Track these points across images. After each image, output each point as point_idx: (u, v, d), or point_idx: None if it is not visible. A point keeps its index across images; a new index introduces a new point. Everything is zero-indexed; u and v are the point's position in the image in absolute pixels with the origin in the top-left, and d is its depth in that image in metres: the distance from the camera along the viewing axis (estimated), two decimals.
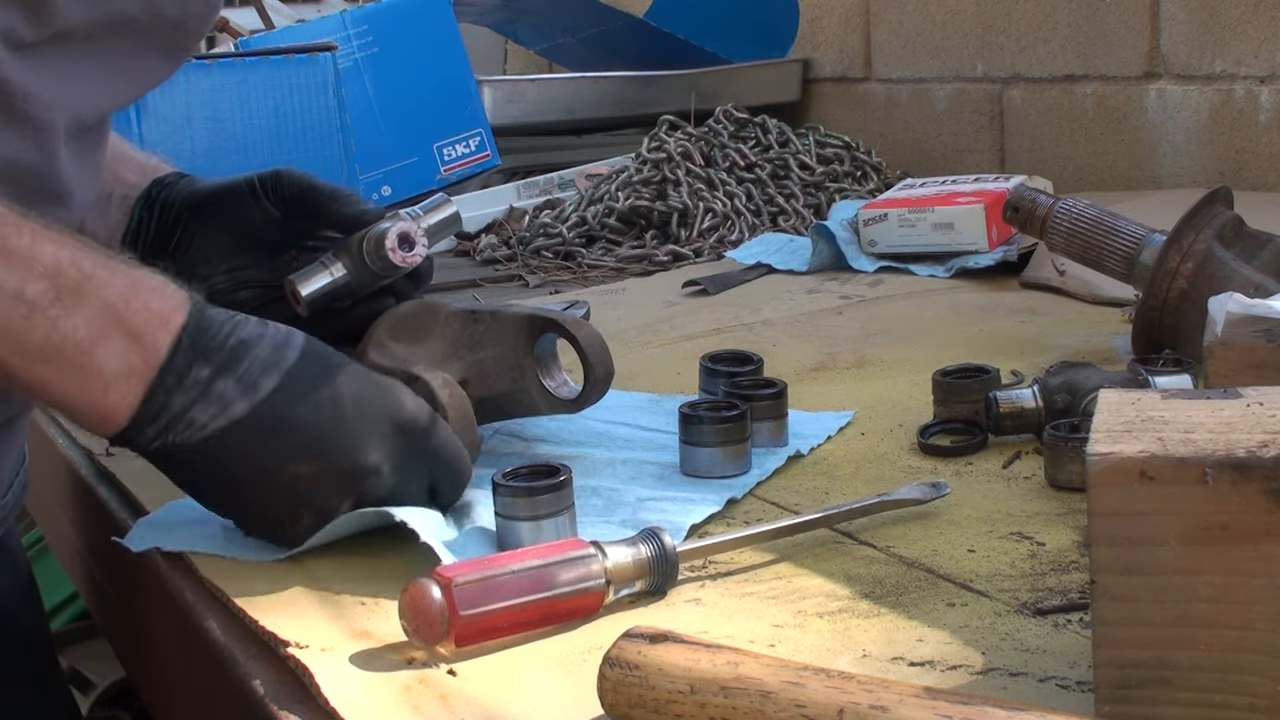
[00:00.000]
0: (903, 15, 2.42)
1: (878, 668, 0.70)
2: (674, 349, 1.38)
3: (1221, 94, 1.94)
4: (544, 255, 1.97)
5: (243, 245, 1.04)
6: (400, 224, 1.02)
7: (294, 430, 0.82)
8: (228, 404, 0.81)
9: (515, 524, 0.85)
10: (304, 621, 0.78)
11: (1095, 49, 2.10)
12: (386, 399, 0.86)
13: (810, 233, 1.76)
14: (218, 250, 1.03)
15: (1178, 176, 2.01)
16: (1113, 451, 0.58)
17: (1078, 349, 1.27)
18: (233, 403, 0.81)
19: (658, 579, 0.79)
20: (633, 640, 0.64)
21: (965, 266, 1.65)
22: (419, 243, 1.02)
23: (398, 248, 1.00)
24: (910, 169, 2.28)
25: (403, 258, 1.00)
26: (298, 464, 0.83)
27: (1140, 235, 1.19)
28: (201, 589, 0.86)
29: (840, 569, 0.83)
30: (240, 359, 0.82)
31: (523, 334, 1.00)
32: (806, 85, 2.63)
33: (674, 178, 2.04)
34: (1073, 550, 0.83)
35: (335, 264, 1.02)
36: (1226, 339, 0.88)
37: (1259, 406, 0.62)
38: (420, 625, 0.72)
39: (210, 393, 0.81)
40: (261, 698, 0.73)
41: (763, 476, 0.98)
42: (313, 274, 1.02)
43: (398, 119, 2.09)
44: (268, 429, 0.82)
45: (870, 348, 1.34)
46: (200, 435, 0.81)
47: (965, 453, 1.01)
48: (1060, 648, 0.71)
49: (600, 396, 1.00)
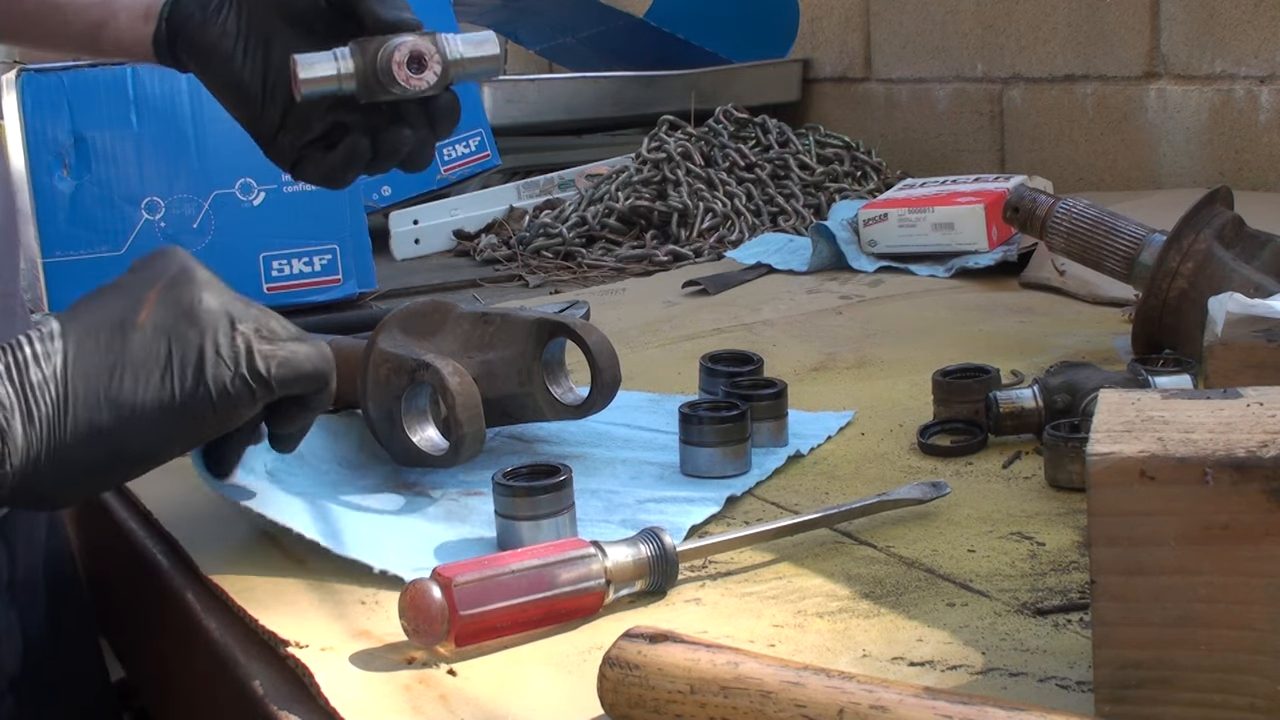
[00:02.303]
0: (903, 15, 2.42)
1: (878, 668, 0.70)
2: (674, 349, 1.38)
3: (1221, 94, 1.94)
4: (544, 255, 1.97)
5: (286, 27, 0.99)
6: (418, 41, 0.94)
7: None
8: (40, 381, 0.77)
9: (515, 524, 0.85)
10: (304, 621, 0.79)
11: (1095, 49, 2.10)
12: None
13: (810, 233, 1.76)
14: (259, 24, 0.99)
15: (1178, 176, 2.01)
16: (1113, 451, 0.58)
17: (1078, 349, 1.27)
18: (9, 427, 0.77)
19: (658, 579, 0.79)
20: (633, 640, 0.64)
21: (965, 266, 1.65)
22: (430, 67, 0.94)
23: (405, 64, 0.94)
24: (910, 169, 2.28)
25: (407, 77, 0.94)
26: None
27: (1140, 235, 1.19)
28: (201, 589, 0.86)
29: (840, 569, 0.83)
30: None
31: (532, 338, 1.01)
32: (806, 85, 2.63)
33: (674, 178, 2.04)
34: (1073, 550, 0.83)
35: (346, 60, 0.95)
36: (1226, 339, 0.88)
37: (1259, 406, 0.62)
38: (420, 625, 0.72)
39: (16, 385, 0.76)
40: (261, 698, 0.73)
41: (763, 476, 0.98)
42: (318, 61, 0.95)
43: None
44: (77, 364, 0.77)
45: (870, 348, 1.34)
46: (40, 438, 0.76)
47: (965, 453, 1.01)
48: (1060, 648, 0.71)
49: (606, 404, 1.00)
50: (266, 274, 1.65)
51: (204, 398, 0.79)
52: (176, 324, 0.80)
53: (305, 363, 0.83)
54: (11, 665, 1.01)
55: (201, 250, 1.62)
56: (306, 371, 0.83)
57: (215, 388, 0.79)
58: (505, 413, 1.03)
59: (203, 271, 0.84)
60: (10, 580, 1.01)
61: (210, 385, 0.79)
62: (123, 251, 1.59)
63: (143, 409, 0.78)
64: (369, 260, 1.72)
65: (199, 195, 1.62)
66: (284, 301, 1.65)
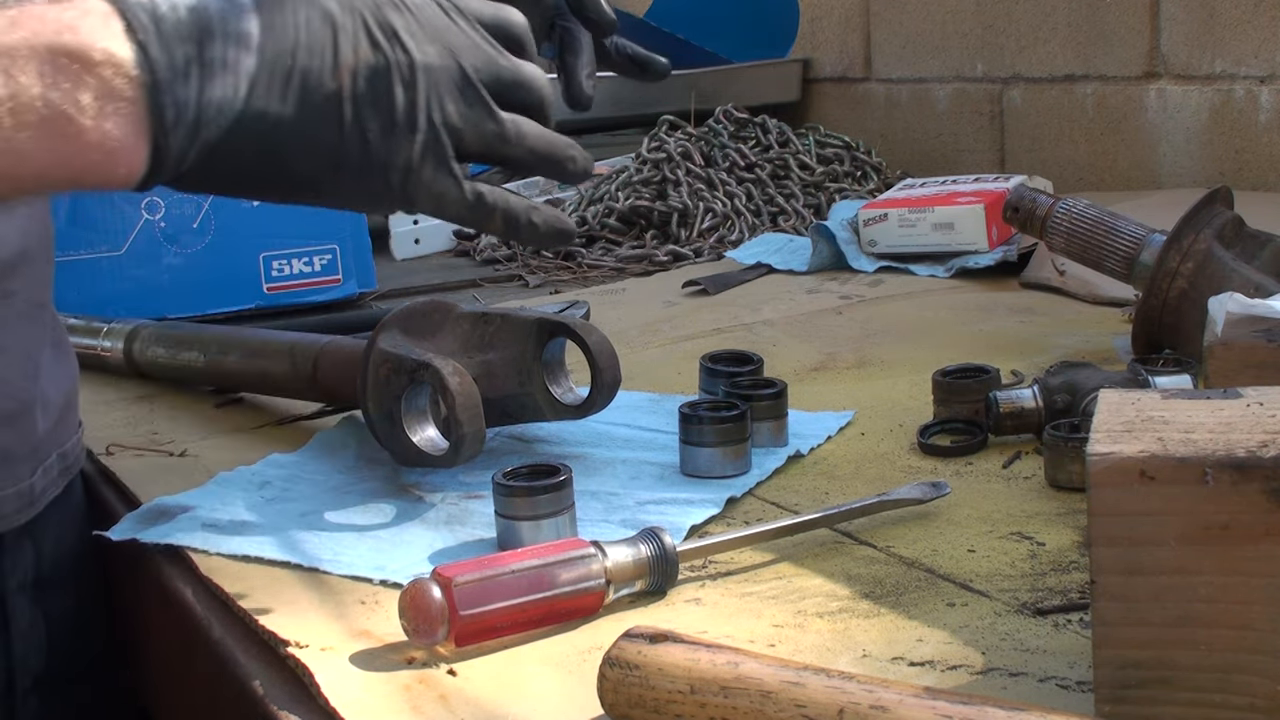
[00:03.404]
0: (903, 15, 2.42)
1: (878, 668, 0.70)
2: (674, 349, 1.38)
3: (1221, 94, 1.94)
4: (544, 255, 1.97)
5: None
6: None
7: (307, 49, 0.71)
8: (233, 64, 0.69)
9: (515, 524, 0.85)
10: (304, 621, 0.79)
11: (1095, 49, 2.10)
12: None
13: (810, 233, 1.75)
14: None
15: (1178, 176, 2.01)
16: (1113, 451, 0.58)
17: (1078, 349, 1.27)
18: (237, 60, 0.69)
19: (658, 579, 0.79)
20: (633, 640, 0.64)
21: (965, 266, 1.65)
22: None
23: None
24: (910, 169, 2.27)
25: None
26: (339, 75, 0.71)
27: (1140, 235, 1.19)
28: (201, 589, 0.86)
29: (840, 569, 0.83)
30: (204, 18, 0.69)
31: (532, 337, 1.01)
32: (806, 85, 2.63)
33: (674, 178, 2.04)
34: (1073, 550, 0.83)
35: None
36: (1226, 339, 0.88)
37: (1259, 406, 0.62)
38: (420, 625, 0.72)
39: (209, 64, 0.68)
40: (261, 698, 0.73)
41: (763, 476, 0.98)
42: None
43: None
44: (286, 65, 0.71)
45: (870, 348, 1.34)
46: (232, 114, 0.69)
47: (965, 453, 1.01)
48: (1060, 648, 0.71)
49: (606, 404, 1.00)
50: (266, 274, 1.65)
51: (364, 198, 0.76)
52: (376, 95, 0.73)
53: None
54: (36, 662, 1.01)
55: (201, 250, 1.62)
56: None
57: (375, 189, 0.75)
58: (505, 413, 1.03)
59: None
60: (36, 578, 1.01)
61: (371, 187, 0.74)
62: (122, 251, 1.59)
63: (294, 185, 0.74)
64: (369, 260, 1.72)
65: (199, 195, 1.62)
66: (284, 301, 1.65)
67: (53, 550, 1.03)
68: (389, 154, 0.73)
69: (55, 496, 1.04)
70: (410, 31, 0.74)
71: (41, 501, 1.01)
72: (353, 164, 0.73)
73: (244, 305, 1.64)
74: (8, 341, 0.97)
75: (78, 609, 1.06)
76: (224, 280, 1.63)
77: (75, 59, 0.65)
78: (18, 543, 1.00)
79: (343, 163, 0.73)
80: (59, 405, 1.04)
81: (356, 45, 0.72)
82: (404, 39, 0.73)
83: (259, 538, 0.90)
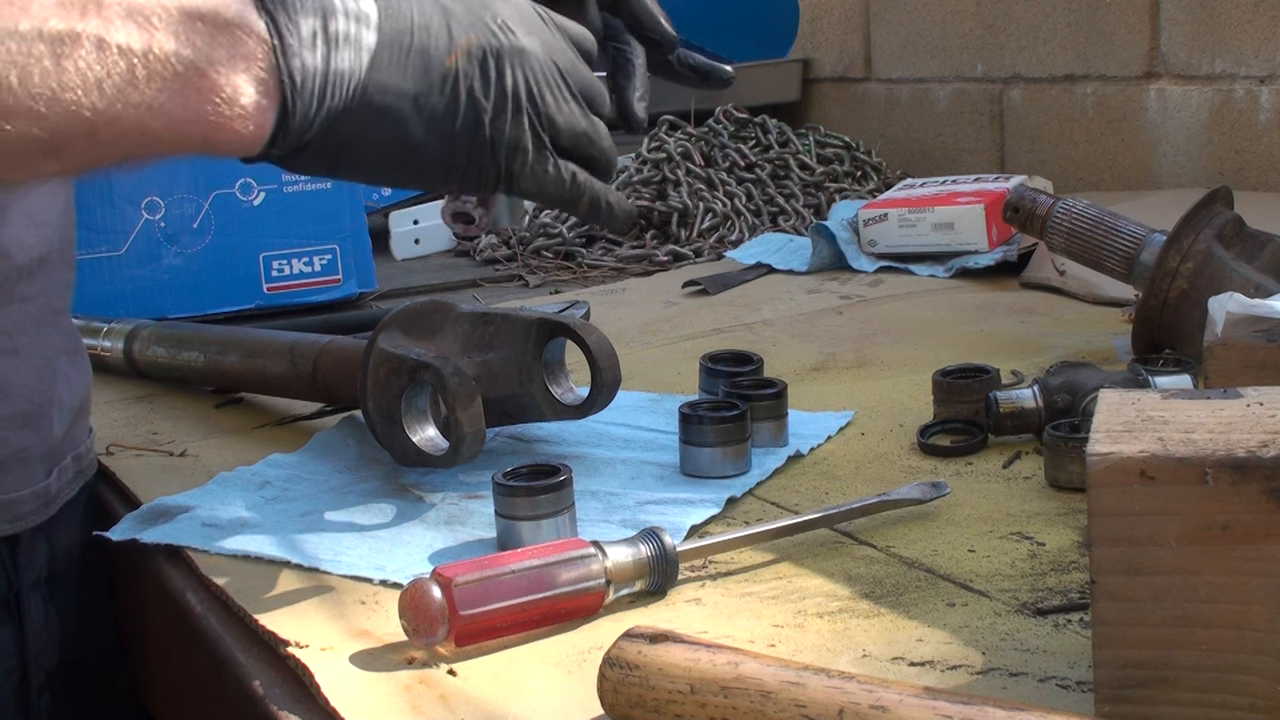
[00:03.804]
0: (903, 15, 2.42)
1: (878, 668, 0.70)
2: (674, 349, 1.38)
3: (1221, 94, 1.94)
4: (544, 255, 1.97)
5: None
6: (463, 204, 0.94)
7: (426, 28, 0.76)
8: (355, 38, 0.73)
9: (515, 524, 0.85)
10: (304, 621, 0.79)
11: (1095, 49, 2.10)
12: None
13: (810, 233, 1.76)
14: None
15: (1178, 176, 2.01)
16: (1113, 451, 0.58)
17: (1078, 349, 1.27)
18: (358, 35, 0.73)
19: (658, 579, 0.79)
20: (633, 640, 0.64)
21: (965, 266, 1.65)
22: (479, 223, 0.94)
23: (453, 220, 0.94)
24: (910, 169, 2.28)
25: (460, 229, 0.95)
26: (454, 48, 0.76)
27: (1140, 235, 1.19)
28: (201, 589, 0.86)
29: (840, 569, 0.83)
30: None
31: (532, 338, 1.01)
32: (806, 85, 2.63)
33: (674, 178, 2.04)
34: (1073, 550, 0.83)
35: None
36: (1226, 339, 0.88)
37: (1259, 406, 0.62)
38: (420, 625, 0.72)
39: (333, 38, 0.72)
40: (261, 698, 0.73)
41: (763, 476, 0.98)
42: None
43: None
44: (405, 43, 0.75)
45: (870, 348, 1.34)
46: (355, 84, 0.73)
47: (965, 453, 1.01)
48: (1060, 648, 0.71)
49: (606, 404, 1.00)
50: (266, 274, 1.65)
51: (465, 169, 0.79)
52: (484, 79, 0.78)
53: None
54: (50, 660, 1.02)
55: (201, 250, 1.62)
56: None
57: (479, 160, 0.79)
58: (505, 413, 1.03)
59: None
60: (49, 576, 1.02)
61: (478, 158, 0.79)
62: (122, 251, 1.59)
63: (411, 147, 0.77)
64: (369, 260, 1.72)
65: (199, 195, 1.62)
66: (284, 301, 1.65)
67: (65, 549, 1.04)
68: (499, 132, 0.78)
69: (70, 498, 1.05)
70: (517, 21, 0.79)
71: (57, 503, 1.03)
72: (467, 139, 0.78)
73: (244, 305, 1.64)
74: (26, 345, 0.99)
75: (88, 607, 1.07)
76: (224, 280, 1.63)
77: (207, 21, 0.68)
78: (33, 541, 1.02)
79: (458, 138, 0.77)
80: (74, 409, 1.05)
81: (469, 28, 0.77)
82: (513, 27, 0.78)
83: (259, 538, 0.90)
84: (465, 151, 0.78)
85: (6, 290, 0.97)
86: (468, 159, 0.78)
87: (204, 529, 0.91)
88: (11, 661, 1.01)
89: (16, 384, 0.98)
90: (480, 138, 0.78)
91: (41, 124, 0.65)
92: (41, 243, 1.00)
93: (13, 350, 0.98)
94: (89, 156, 0.69)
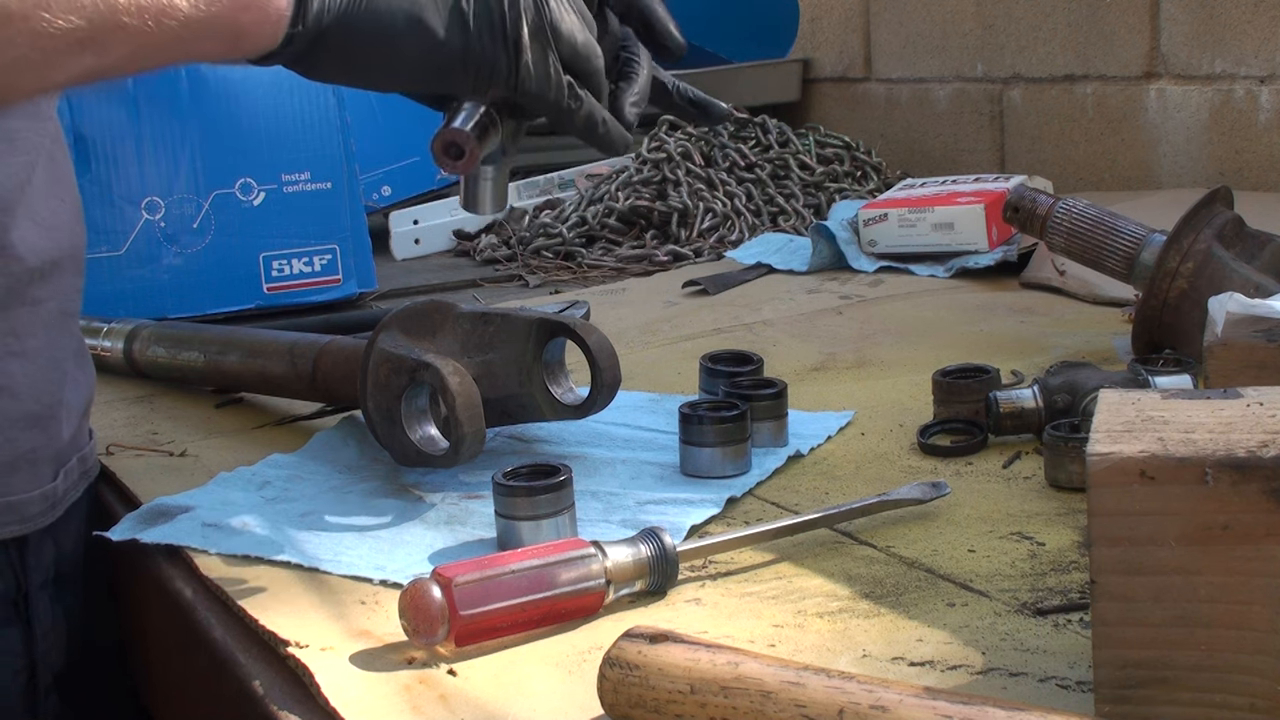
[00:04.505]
0: (903, 15, 2.42)
1: (878, 668, 0.70)
2: (674, 349, 1.38)
3: (1221, 94, 1.94)
4: (544, 255, 1.97)
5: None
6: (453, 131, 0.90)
7: None
8: None
9: (515, 524, 0.85)
10: (304, 621, 0.79)
11: (1095, 49, 2.10)
12: None
13: (810, 233, 1.76)
14: None
15: (1178, 176, 2.01)
16: (1113, 451, 0.58)
17: (1078, 349, 1.27)
18: None
19: (658, 579, 0.79)
20: (633, 640, 0.64)
21: (965, 266, 1.65)
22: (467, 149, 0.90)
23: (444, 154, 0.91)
24: (910, 169, 2.27)
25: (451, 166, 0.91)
26: None
27: (1140, 235, 1.19)
28: (201, 589, 0.86)
29: (840, 569, 0.83)
30: None
31: (532, 338, 1.01)
32: (806, 85, 2.63)
33: (674, 178, 2.04)
34: (1073, 550, 0.83)
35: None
36: (1226, 339, 0.88)
37: (1259, 406, 0.62)
38: (420, 625, 0.72)
39: None
40: (261, 698, 0.73)
41: (763, 476, 0.98)
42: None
43: (397, 119, 2.09)
44: None
45: (870, 348, 1.34)
46: None
47: (965, 453, 1.01)
48: (1060, 648, 0.71)
49: (606, 404, 1.00)
50: (266, 274, 1.65)
51: (477, 51, 0.84)
52: None
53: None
54: (56, 660, 1.03)
55: (201, 250, 1.62)
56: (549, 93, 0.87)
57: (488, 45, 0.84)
58: (505, 413, 1.03)
59: None
60: (56, 576, 1.03)
61: (487, 40, 0.84)
62: (122, 251, 1.59)
63: (427, 28, 0.82)
64: (369, 260, 1.72)
65: (199, 195, 1.62)
66: (284, 301, 1.65)
67: (71, 550, 1.05)
68: (512, 21, 0.84)
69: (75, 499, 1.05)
70: None
71: (64, 504, 1.03)
72: (480, 24, 0.83)
73: (244, 305, 1.64)
74: (35, 348, 1.00)
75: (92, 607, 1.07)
76: (224, 280, 1.63)
77: None
78: (40, 543, 1.02)
79: (473, 21, 0.83)
80: (79, 411, 1.06)
81: None
82: None
83: (259, 538, 0.90)
84: (478, 36, 0.83)
85: (17, 293, 0.98)
86: (480, 45, 0.83)
87: (204, 529, 0.91)
88: (20, 662, 1.01)
89: (26, 386, 0.99)
90: (493, 23, 0.83)
91: (80, 13, 0.70)
92: (53, 247, 1.01)
93: (22, 352, 0.98)
94: (123, 51, 0.72)
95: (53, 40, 0.70)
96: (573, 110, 0.88)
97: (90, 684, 1.08)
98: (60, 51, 0.71)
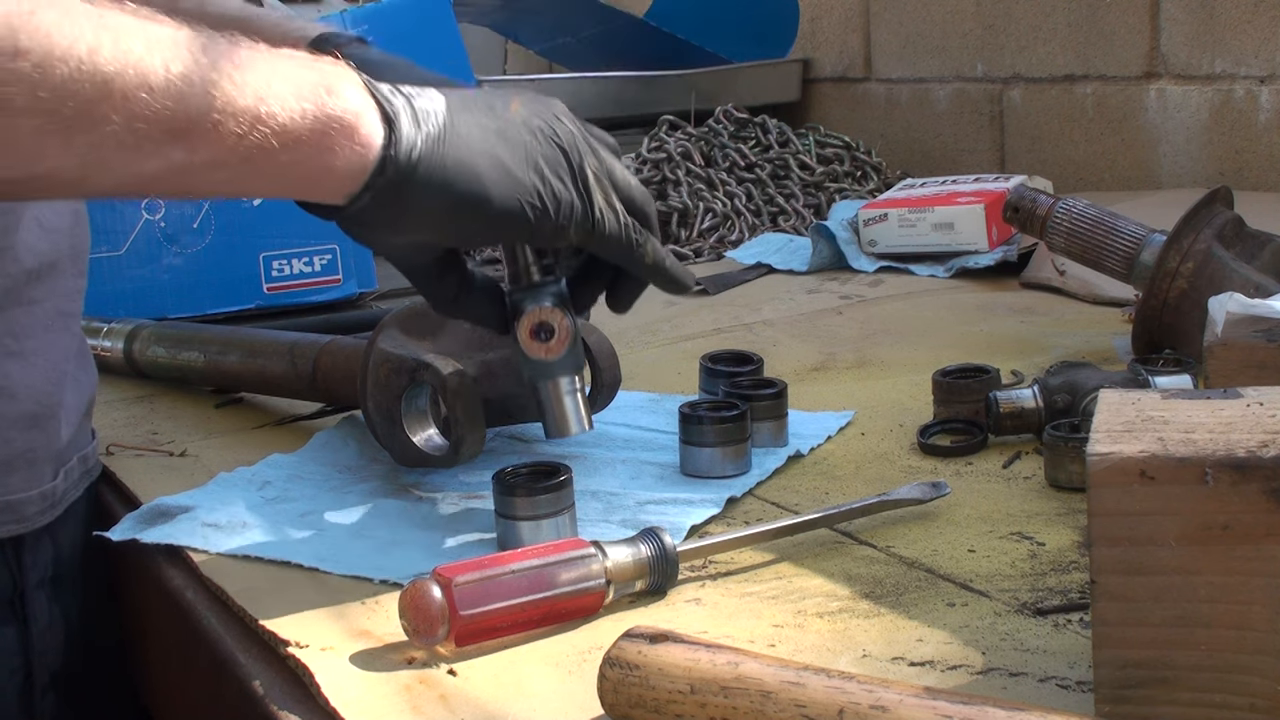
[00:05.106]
0: (903, 15, 2.42)
1: (878, 668, 0.70)
2: (674, 349, 1.38)
3: (1221, 94, 1.94)
4: None
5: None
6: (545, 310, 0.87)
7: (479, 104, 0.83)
8: (430, 99, 0.80)
9: (515, 524, 0.85)
10: (304, 621, 0.79)
11: (1095, 49, 2.10)
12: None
13: (810, 233, 1.76)
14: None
15: (1178, 176, 2.01)
16: (1113, 451, 0.58)
17: (1078, 349, 1.27)
18: (433, 98, 0.80)
19: (658, 579, 0.79)
20: (633, 640, 0.64)
21: (965, 266, 1.65)
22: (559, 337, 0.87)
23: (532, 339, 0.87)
24: (910, 169, 2.27)
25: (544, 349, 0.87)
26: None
27: (1140, 235, 1.19)
28: (201, 589, 0.86)
29: (840, 569, 0.83)
30: (394, 67, 0.86)
31: None
32: (806, 85, 2.63)
33: (674, 178, 2.04)
34: (1073, 550, 0.83)
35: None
36: (1226, 339, 0.88)
37: (1259, 406, 0.62)
38: (420, 625, 0.72)
39: (410, 95, 0.79)
40: (261, 698, 0.73)
41: (763, 476, 0.98)
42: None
43: None
44: (468, 100, 0.82)
45: (870, 348, 1.34)
46: (438, 124, 0.79)
47: (965, 453, 1.01)
48: (1060, 648, 0.71)
49: (606, 403, 1.00)
50: (266, 274, 1.65)
51: (554, 192, 0.83)
52: (543, 122, 0.84)
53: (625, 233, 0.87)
54: (54, 659, 1.03)
55: (201, 250, 1.62)
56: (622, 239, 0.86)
57: (564, 187, 0.83)
58: (505, 413, 1.03)
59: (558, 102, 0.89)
60: (54, 576, 1.03)
61: (563, 183, 0.83)
62: (122, 252, 1.59)
63: (508, 169, 0.81)
64: (369, 260, 1.72)
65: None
66: (284, 301, 1.65)
67: (70, 550, 1.05)
68: (575, 161, 0.84)
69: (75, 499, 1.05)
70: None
71: (63, 504, 1.03)
72: (550, 164, 0.83)
73: (244, 305, 1.64)
74: (34, 348, 1.00)
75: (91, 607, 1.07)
76: (224, 280, 1.63)
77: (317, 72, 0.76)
78: (38, 542, 1.02)
79: (542, 162, 0.83)
80: (80, 411, 1.06)
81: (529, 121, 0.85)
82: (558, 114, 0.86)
83: (259, 538, 0.90)
84: (557, 179, 0.82)
85: (15, 293, 0.98)
86: (560, 187, 0.82)
87: (204, 529, 0.91)
88: (16, 661, 1.01)
89: (24, 386, 0.99)
90: (564, 165, 0.83)
91: (177, 99, 0.69)
92: (51, 248, 1.02)
93: (20, 353, 0.99)
94: (212, 152, 0.71)
95: (147, 124, 0.68)
96: (642, 248, 0.87)
97: (90, 684, 1.08)
98: (154, 139, 0.68)
